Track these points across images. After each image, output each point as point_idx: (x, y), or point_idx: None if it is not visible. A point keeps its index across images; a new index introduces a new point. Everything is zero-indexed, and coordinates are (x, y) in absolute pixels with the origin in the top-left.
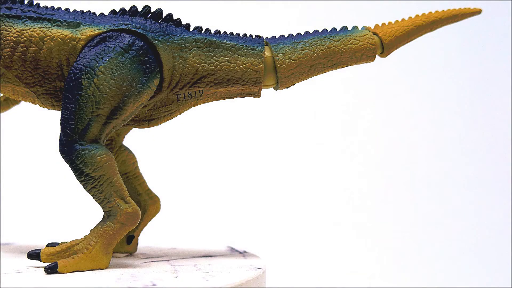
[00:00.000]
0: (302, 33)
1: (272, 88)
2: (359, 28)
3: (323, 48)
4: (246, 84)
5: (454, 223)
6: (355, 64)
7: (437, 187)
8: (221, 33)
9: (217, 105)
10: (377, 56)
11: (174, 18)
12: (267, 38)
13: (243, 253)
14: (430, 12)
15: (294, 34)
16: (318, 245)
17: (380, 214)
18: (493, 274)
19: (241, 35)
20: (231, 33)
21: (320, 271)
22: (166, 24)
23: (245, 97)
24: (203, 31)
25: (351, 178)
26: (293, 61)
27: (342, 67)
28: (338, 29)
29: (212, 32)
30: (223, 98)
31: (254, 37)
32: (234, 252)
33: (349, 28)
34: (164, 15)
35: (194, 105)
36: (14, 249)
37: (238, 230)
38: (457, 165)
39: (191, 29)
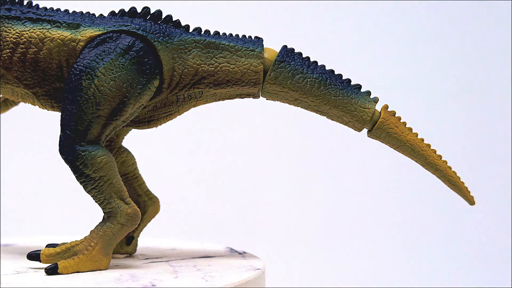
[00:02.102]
0: (318, 64)
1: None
2: (371, 96)
3: (317, 93)
4: (245, 85)
5: (454, 223)
6: (339, 123)
7: (437, 187)
8: (221, 34)
9: (217, 106)
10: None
11: (174, 19)
12: (285, 46)
13: (242, 254)
14: (438, 157)
15: (311, 61)
16: (317, 246)
17: (380, 214)
18: (493, 274)
19: (240, 36)
20: (231, 34)
21: (319, 271)
22: (165, 25)
23: (244, 98)
24: (202, 32)
25: (350, 178)
26: (281, 85)
27: (326, 118)
28: (351, 84)
29: (212, 33)
30: (223, 99)
31: (253, 38)
32: (233, 252)
33: (363, 89)
34: (163, 16)
35: (194, 106)
36: (14, 250)
37: (237, 230)
38: (456, 165)
39: (191, 30)
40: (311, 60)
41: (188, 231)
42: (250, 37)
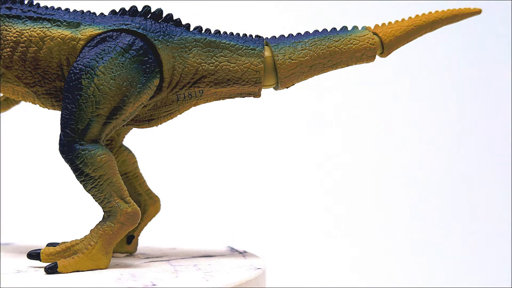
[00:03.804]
0: (302, 33)
1: (272, 88)
2: (359, 28)
3: (323, 48)
4: (246, 84)
5: (454, 223)
6: (355, 64)
7: (437, 187)
8: (221, 33)
9: (217, 105)
10: (377, 56)
11: (174, 18)
12: (267, 38)
13: (243, 253)
14: (430, 12)
15: (294, 34)
16: (318, 245)
17: (380, 214)
18: (493, 274)
19: (241, 35)
20: (231, 33)
21: (320, 271)
22: (166, 24)
23: (245, 97)
24: (203, 31)
25: (351, 178)
26: (293, 61)
27: (342, 67)
28: (338, 29)
29: (212, 32)
30: (223, 98)
31: (254, 37)
32: (234, 252)
33: (349, 28)
34: (164, 15)
35: (194, 105)
36: (14, 249)
37: (238, 230)
38: (457, 165)
39: (191, 29)
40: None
41: (189, 230)
42: (250, 36)
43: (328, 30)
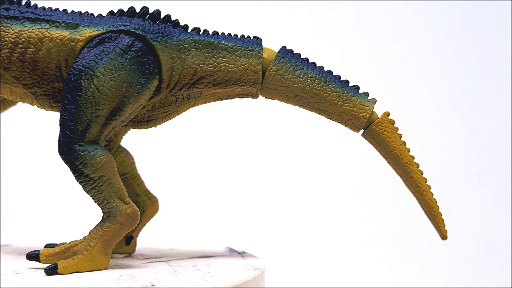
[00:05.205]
0: (317, 65)
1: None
2: (369, 97)
3: (317, 89)
4: (244, 85)
5: (454, 223)
6: (339, 123)
7: (437, 187)
8: (220, 34)
9: (216, 106)
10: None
11: (172, 19)
12: (284, 46)
13: (241, 254)
14: (424, 180)
15: (310, 61)
16: (317, 245)
17: (379, 214)
18: (493, 274)
19: (239, 36)
20: (230, 34)
21: (319, 271)
22: (164, 25)
23: (243, 98)
24: (201, 32)
25: (350, 178)
26: (281, 80)
27: (325, 117)
28: (349, 84)
29: (211, 33)
30: (222, 99)
31: (252, 38)
32: (232, 252)
33: (361, 91)
34: (162, 16)
35: (193, 106)
36: (13, 250)
37: (236, 230)
38: (457, 165)
39: (189, 30)
40: (310, 61)
41: (187, 231)
42: (249, 37)
43: (340, 79)
